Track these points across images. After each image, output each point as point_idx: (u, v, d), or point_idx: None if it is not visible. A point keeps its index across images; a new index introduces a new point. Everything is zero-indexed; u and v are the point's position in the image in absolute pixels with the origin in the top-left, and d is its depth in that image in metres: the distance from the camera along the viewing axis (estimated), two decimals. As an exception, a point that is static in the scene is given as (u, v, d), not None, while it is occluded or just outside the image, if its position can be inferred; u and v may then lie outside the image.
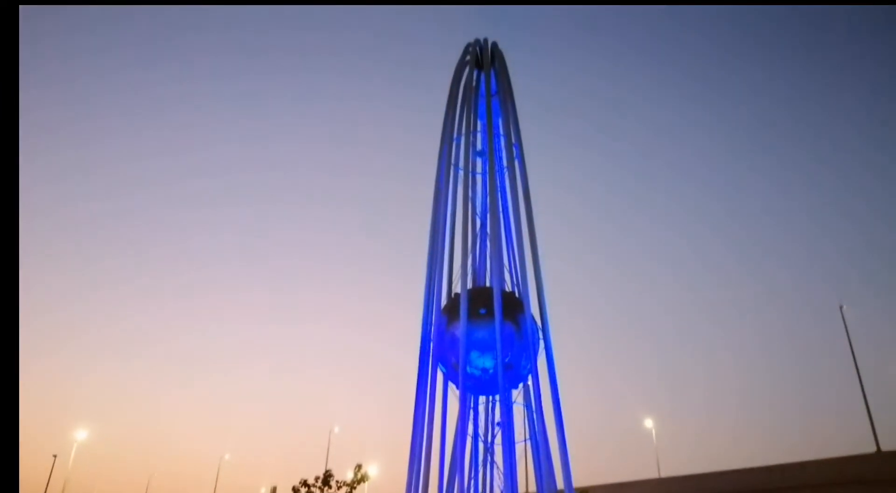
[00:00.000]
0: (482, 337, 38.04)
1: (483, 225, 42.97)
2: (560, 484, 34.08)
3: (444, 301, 41.24)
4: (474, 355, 38.19)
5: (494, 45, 46.18)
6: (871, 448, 45.75)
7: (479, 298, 39.43)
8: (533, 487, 38.09)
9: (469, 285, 40.46)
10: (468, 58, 45.80)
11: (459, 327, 38.52)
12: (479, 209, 43.81)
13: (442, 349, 39.46)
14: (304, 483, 15.91)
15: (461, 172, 43.17)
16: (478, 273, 42.77)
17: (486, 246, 42.73)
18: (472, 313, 38.53)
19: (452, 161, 43.99)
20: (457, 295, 40.26)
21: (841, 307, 52.71)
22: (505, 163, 43.38)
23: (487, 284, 41.38)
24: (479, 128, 44.90)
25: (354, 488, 16.27)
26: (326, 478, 16.20)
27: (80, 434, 54.82)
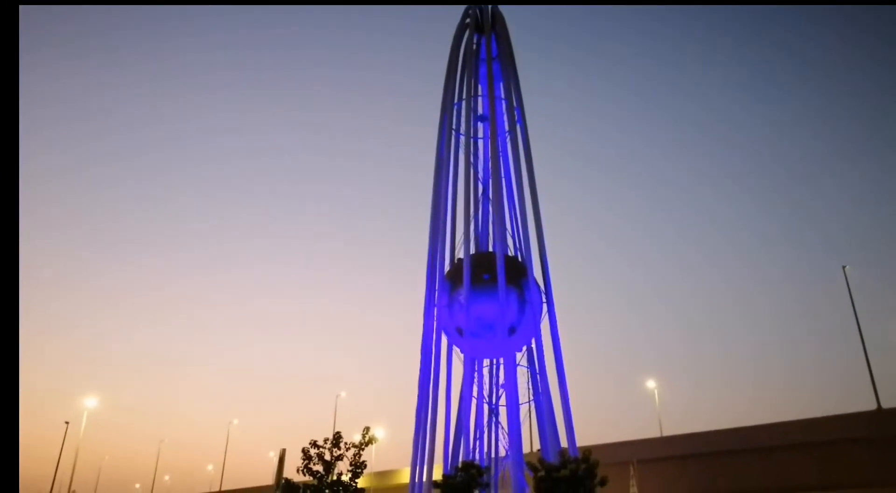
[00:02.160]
0: (486, 302, 38.41)
1: (485, 190, 42.98)
2: (563, 444, 34.76)
3: (447, 267, 41.55)
4: (478, 319, 38.63)
5: (495, 7, 45.45)
6: (872, 406, 46.26)
7: (483, 263, 39.69)
8: (537, 447, 38.87)
9: (472, 251, 40.74)
10: (468, 21, 45.10)
11: (463, 293, 38.91)
12: (481, 175, 43.77)
13: (446, 315, 39.91)
14: (314, 444, 16.50)
15: (462, 138, 43.02)
16: (480, 239, 42.96)
17: (488, 211, 42.81)
18: (476, 279, 38.83)
19: (453, 126, 43.79)
20: (460, 261, 40.55)
21: (844, 268, 52.65)
22: (506, 127, 43.17)
23: (490, 249, 41.56)
24: (479, 92, 44.56)
25: (363, 449, 16.81)
26: (336, 440, 16.73)
27: (91, 402, 55.99)
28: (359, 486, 17.57)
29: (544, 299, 40.09)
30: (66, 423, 54.18)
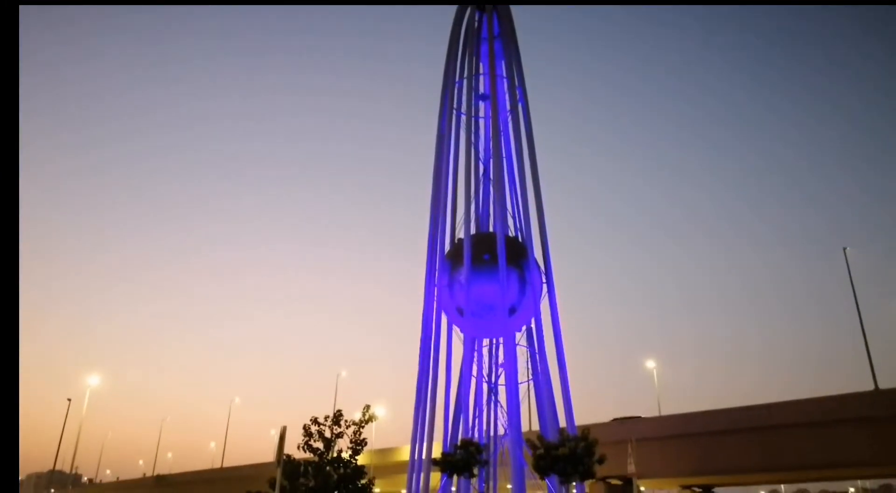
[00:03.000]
0: (486, 282, 38.48)
1: (486, 170, 42.83)
2: (562, 423, 35.00)
3: (447, 247, 41.55)
4: (478, 299, 38.72)
5: (496, -17, 44.88)
6: (870, 386, 46.59)
7: (483, 243, 39.69)
8: (535, 426, 39.14)
9: (472, 231, 40.73)
10: (469, -2, 44.60)
11: (463, 273, 38.98)
12: (481, 154, 43.57)
13: (446, 295, 40.00)
14: (315, 421, 16.61)
15: (464, 117, 42.76)
16: (481, 219, 42.88)
17: (489, 191, 42.70)
18: (476, 259, 38.86)
19: (454, 105, 43.50)
20: (460, 241, 40.54)
21: (844, 250, 52.69)
22: (508, 106, 42.88)
23: (491, 229, 41.53)
24: (481, 71, 44.18)
25: (363, 427, 16.91)
26: (336, 418, 16.83)
27: (93, 380, 56.39)
28: (359, 463, 17.67)
29: (544, 280, 40.14)
30: (69, 400, 54.59)
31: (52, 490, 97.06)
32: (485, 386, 39.94)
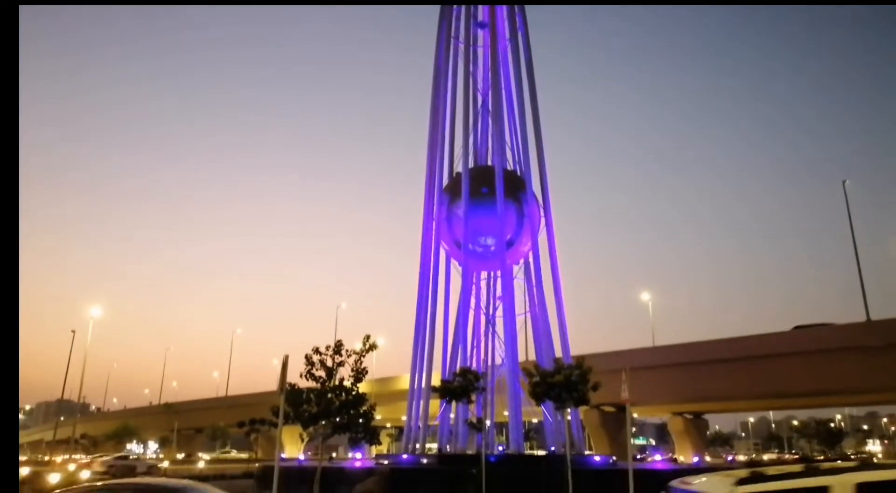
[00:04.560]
0: (484, 215, 38.53)
1: (484, 102, 42.09)
2: (558, 353, 35.73)
3: (446, 181, 41.34)
4: (476, 232, 38.88)
5: None
6: (862, 317, 47.37)
7: (481, 177, 39.49)
8: (532, 357, 39.97)
9: (471, 165, 40.42)
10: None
11: (461, 206, 38.95)
12: (480, 85, 42.70)
13: (445, 228, 40.09)
14: (317, 351, 16.95)
15: (462, 46, 41.68)
16: (479, 152, 42.47)
17: (487, 124, 42.12)
18: (474, 192, 38.76)
19: (452, 34, 42.33)
20: (458, 174, 40.30)
21: (844, 183, 52.45)
22: (507, 35, 41.75)
23: (489, 163, 41.21)
24: (479, -3, 42.75)
25: (364, 356, 17.33)
26: (337, 347, 17.20)
27: (95, 311, 57.14)
28: (360, 391, 18.13)
29: (542, 213, 40.15)
30: (73, 332, 55.40)
31: (62, 418, 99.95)
32: (483, 318, 40.55)
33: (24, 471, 35.01)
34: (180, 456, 79.95)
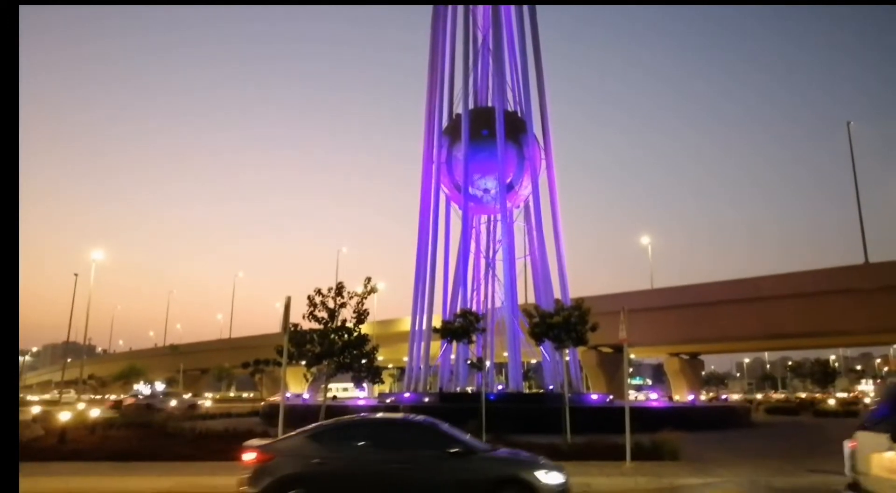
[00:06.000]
0: (484, 158, 38.21)
1: (485, 40, 41.14)
2: (557, 295, 36.06)
3: (445, 123, 40.82)
4: (476, 176, 38.64)
5: None
6: (860, 260, 47.63)
7: (482, 118, 38.97)
8: (531, 299, 40.39)
9: (471, 106, 39.82)
10: None
11: (461, 149, 38.59)
12: (480, 23, 41.63)
13: (445, 171, 39.81)
14: (319, 292, 17.10)
15: (462, -18, 40.44)
16: (479, 93, 41.79)
17: (488, 64, 41.29)
18: (475, 134, 38.32)
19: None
20: (458, 116, 39.77)
21: (848, 124, 51.83)
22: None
23: (490, 103, 40.61)
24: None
25: (365, 298, 17.50)
26: (339, 289, 17.34)
27: (97, 255, 57.52)
28: (362, 332, 18.39)
29: (543, 156, 39.83)
30: (75, 275, 55.89)
31: (69, 360, 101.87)
32: (483, 261, 40.77)
33: (35, 410, 35.99)
34: (187, 396, 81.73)
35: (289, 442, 9.40)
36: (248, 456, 9.03)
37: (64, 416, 22.40)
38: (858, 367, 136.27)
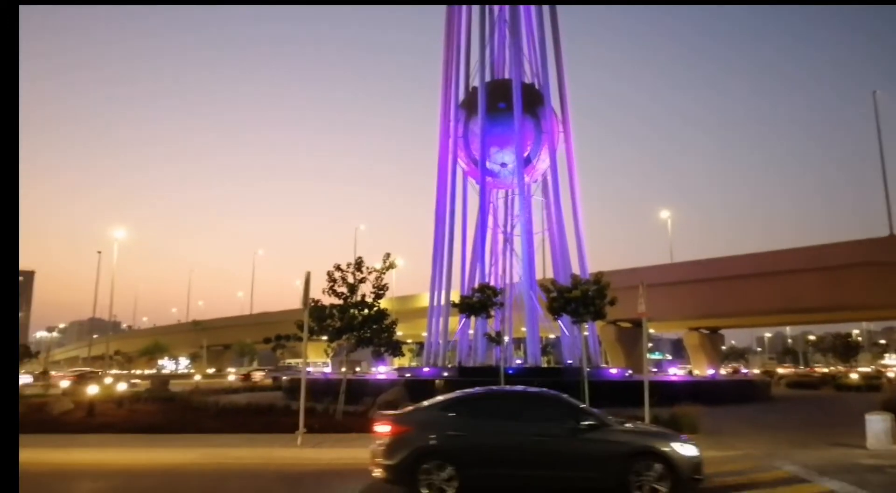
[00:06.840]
0: (501, 132, 37.87)
1: (501, 11, 40.54)
2: (575, 270, 35.94)
3: (462, 96, 40.48)
4: (493, 150, 38.36)
5: None
6: (885, 232, 46.78)
7: (498, 91, 38.58)
8: (549, 274, 40.30)
9: (487, 79, 39.41)
10: None
11: (478, 123, 38.26)
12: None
13: (462, 145, 39.57)
14: (338, 268, 17.31)
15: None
16: (496, 65, 41.30)
17: (504, 35, 40.75)
18: (491, 108, 37.96)
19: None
20: (475, 89, 39.38)
21: (874, 93, 50.67)
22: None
23: (507, 75, 40.15)
24: None
25: (384, 273, 17.63)
26: (358, 264, 17.51)
27: (119, 233, 58.27)
28: (381, 307, 18.54)
29: (561, 128, 39.42)
30: (99, 252, 56.81)
31: (95, 336, 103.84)
32: (500, 236, 40.66)
33: (65, 383, 36.83)
34: (211, 371, 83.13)
35: (423, 414, 9.38)
36: (383, 428, 8.95)
37: (92, 390, 22.91)
38: (882, 341, 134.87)
